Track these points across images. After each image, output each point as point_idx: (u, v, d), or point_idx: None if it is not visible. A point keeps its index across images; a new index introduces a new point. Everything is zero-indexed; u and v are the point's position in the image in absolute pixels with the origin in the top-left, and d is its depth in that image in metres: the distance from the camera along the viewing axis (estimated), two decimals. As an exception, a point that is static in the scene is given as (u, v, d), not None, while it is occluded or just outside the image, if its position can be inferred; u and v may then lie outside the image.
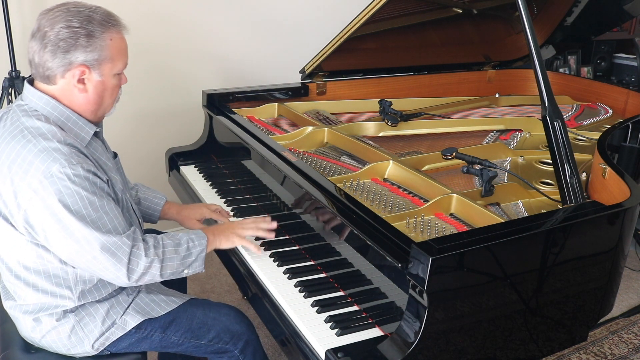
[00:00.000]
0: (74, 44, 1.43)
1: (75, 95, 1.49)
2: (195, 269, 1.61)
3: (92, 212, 1.41)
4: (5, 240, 1.50)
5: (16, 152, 1.41)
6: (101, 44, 1.46)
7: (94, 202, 1.42)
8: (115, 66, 1.51)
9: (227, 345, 1.66)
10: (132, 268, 1.47)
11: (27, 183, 1.38)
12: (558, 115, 1.64)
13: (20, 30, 2.64)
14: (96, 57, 1.46)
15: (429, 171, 1.98)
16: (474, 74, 3.03)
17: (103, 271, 1.46)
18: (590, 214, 1.49)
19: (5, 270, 1.55)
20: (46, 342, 1.56)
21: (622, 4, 2.85)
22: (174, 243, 1.57)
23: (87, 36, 1.44)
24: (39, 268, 1.49)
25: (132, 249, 1.46)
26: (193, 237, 1.62)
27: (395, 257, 1.35)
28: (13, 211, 1.43)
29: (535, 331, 1.47)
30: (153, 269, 1.50)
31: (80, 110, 1.52)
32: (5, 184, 1.42)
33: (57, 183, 1.38)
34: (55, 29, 1.42)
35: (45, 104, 1.48)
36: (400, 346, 1.27)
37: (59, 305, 1.53)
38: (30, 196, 1.38)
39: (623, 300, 2.94)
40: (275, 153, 1.93)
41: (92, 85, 1.50)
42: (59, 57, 1.43)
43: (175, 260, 1.55)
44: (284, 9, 3.32)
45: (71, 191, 1.39)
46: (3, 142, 1.45)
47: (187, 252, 1.58)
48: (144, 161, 3.04)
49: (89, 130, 1.53)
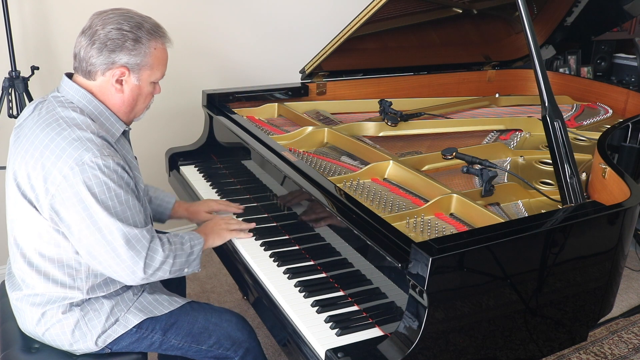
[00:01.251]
0: (121, 45, 1.50)
1: (111, 94, 1.56)
2: (194, 267, 1.65)
3: (118, 204, 1.46)
4: (25, 224, 1.52)
5: (50, 138, 1.45)
6: (145, 50, 1.53)
7: (120, 195, 1.46)
8: (153, 74, 1.58)
9: (228, 352, 1.66)
10: (148, 263, 1.51)
11: (58, 169, 1.42)
12: (558, 115, 1.64)
13: (20, 30, 2.65)
14: (138, 61, 1.53)
15: (429, 171, 1.98)
16: (474, 74, 3.03)
17: (119, 265, 1.48)
18: (590, 214, 1.49)
19: (19, 257, 1.57)
20: (49, 336, 1.56)
21: (622, 4, 2.85)
22: (179, 241, 1.62)
23: (135, 41, 1.51)
24: (54, 256, 1.51)
25: (150, 244, 1.51)
26: (192, 237, 1.67)
27: (395, 257, 1.35)
28: (40, 195, 1.46)
29: (535, 331, 1.47)
30: (166, 265, 1.55)
31: (115, 109, 1.58)
32: (36, 168, 1.46)
33: (87, 171, 1.42)
34: (106, 28, 1.50)
35: (82, 97, 1.54)
36: (400, 346, 1.27)
37: (67, 297, 1.54)
38: (60, 181, 1.42)
39: (623, 300, 2.94)
40: (275, 153, 1.93)
41: (129, 88, 1.56)
42: (104, 55, 1.50)
43: (183, 257, 1.60)
44: (284, 9, 3.33)
45: (100, 181, 1.43)
46: (38, 129, 1.49)
47: (190, 249, 1.63)
48: (144, 161, 3.03)
49: (120, 127, 1.59)
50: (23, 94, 2.48)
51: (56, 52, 2.76)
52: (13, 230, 1.58)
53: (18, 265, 1.58)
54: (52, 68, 2.74)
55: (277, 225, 1.92)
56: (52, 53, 2.75)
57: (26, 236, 1.53)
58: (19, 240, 1.56)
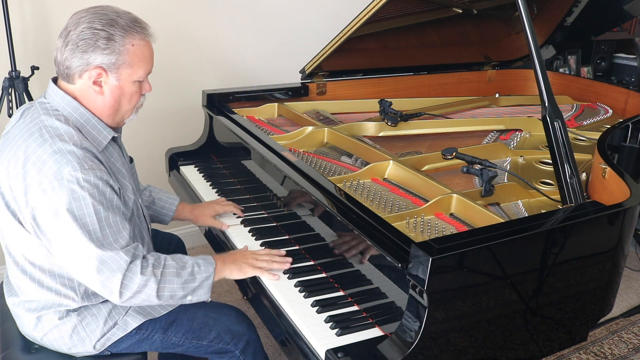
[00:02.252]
0: (92, 45, 1.44)
1: (92, 97, 1.50)
2: (200, 296, 1.55)
3: (96, 221, 1.40)
4: (12, 235, 1.51)
5: (32, 150, 1.42)
6: (120, 48, 1.46)
7: (100, 212, 1.41)
8: (134, 72, 1.50)
9: (228, 346, 1.66)
10: (125, 284, 1.43)
11: (37, 181, 1.39)
12: (558, 115, 1.64)
13: (20, 30, 2.65)
14: (113, 60, 1.46)
15: (429, 171, 1.98)
16: (473, 74, 3.03)
17: (95, 284, 1.44)
18: (590, 214, 1.49)
19: (12, 264, 1.56)
20: (48, 340, 1.56)
21: (622, 4, 2.85)
22: (178, 265, 1.52)
23: (107, 39, 1.44)
24: (45, 266, 1.50)
25: (129, 265, 1.43)
26: (200, 262, 1.57)
27: (395, 257, 1.35)
28: (22, 207, 1.44)
29: (535, 331, 1.47)
30: (148, 289, 1.45)
31: (98, 113, 1.52)
32: (18, 179, 1.43)
33: (66, 186, 1.38)
34: (78, 28, 1.45)
35: (67, 104, 1.49)
36: (400, 346, 1.27)
37: (62, 304, 1.53)
38: (39, 195, 1.39)
39: (623, 300, 2.94)
40: (275, 153, 1.93)
41: (109, 89, 1.50)
42: (77, 57, 1.45)
43: (176, 283, 1.50)
44: (284, 9, 3.32)
45: (78, 196, 1.39)
46: (20, 138, 1.46)
47: (190, 276, 1.52)
48: (144, 161, 3.03)
49: (107, 135, 1.54)
50: (23, 94, 2.48)
51: (56, 52, 2.75)
52: (4, 238, 1.56)
53: (12, 272, 1.57)
54: (52, 68, 2.69)
55: (277, 225, 1.92)
56: (52, 53, 2.72)
57: (15, 245, 1.52)
58: (10, 248, 1.55)
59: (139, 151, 3.02)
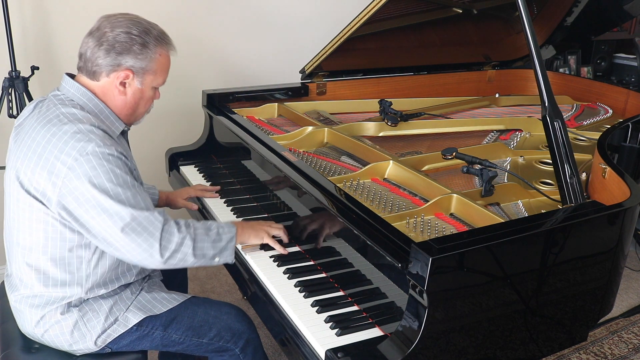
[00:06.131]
0: (128, 48, 1.53)
1: (114, 96, 1.58)
2: (226, 258, 1.63)
3: (127, 189, 1.47)
4: (31, 221, 1.51)
5: (52, 133, 1.47)
6: (152, 56, 1.57)
7: (127, 181, 1.48)
8: (156, 79, 1.61)
9: (228, 344, 1.67)
10: (164, 245, 1.49)
11: (62, 161, 1.43)
12: (558, 115, 1.64)
13: (20, 30, 2.65)
14: (143, 66, 1.56)
15: (429, 171, 1.98)
16: (474, 74, 3.03)
17: (136, 249, 1.48)
18: (590, 214, 1.49)
19: (19, 256, 1.57)
20: (49, 337, 1.57)
21: (622, 4, 2.85)
22: (204, 227, 1.61)
23: (142, 45, 1.55)
24: (56, 253, 1.52)
25: (164, 225, 1.50)
26: (222, 225, 1.65)
27: (395, 257, 1.35)
28: (47, 190, 1.46)
29: (535, 331, 1.47)
30: (185, 247, 1.52)
31: (116, 111, 1.61)
32: (39, 164, 1.46)
33: (92, 161, 1.43)
34: (115, 31, 1.53)
35: (82, 95, 1.56)
36: (400, 346, 1.27)
37: (66, 297, 1.55)
38: (65, 174, 1.43)
39: (623, 300, 2.94)
40: (275, 153, 1.93)
41: (132, 91, 1.59)
42: (111, 57, 1.53)
43: (207, 241, 1.58)
44: (285, 9, 3.32)
45: (105, 169, 1.44)
46: (39, 125, 1.51)
47: (217, 236, 1.61)
48: (144, 161, 3.03)
49: (119, 126, 1.62)
50: (23, 94, 2.48)
51: (56, 52, 2.76)
52: (12, 229, 1.58)
53: (17, 264, 1.58)
54: (52, 68, 2.74)
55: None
56: (52, 53, 2.75)
57: (28, 234, 1.53)
58: (20, 239, 1.56)
59: (140, 151, 3.03)
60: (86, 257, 1.53)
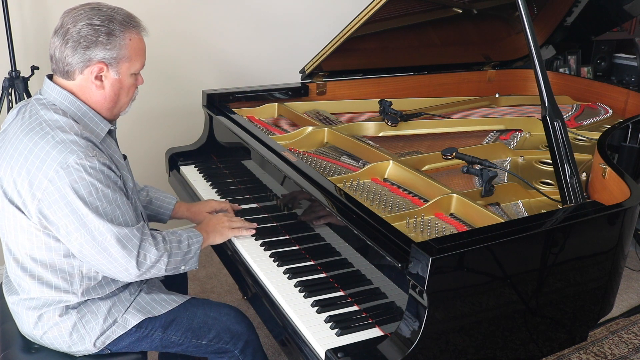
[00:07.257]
0: (94, 41, 1.47)
1: (92, 92, 1.54)
2: (192, 265, 1.66)
3: (106, 204, 1.45)
4: (15, 230, 1.51)
5: (34, 143, 1.44)
6: (120, 43, 1.50)
7: (108, 195, 1.46)
8: (132, 66, 1.55)
9: (227, 345, 1.67)
10: (141, 261, 1.50)
11: (43, 173, 1.41)
12: (558, 115, 1.64)
13: (20, 30, 2.65)
14: (114, 55, 1.50)
15: (429, 171, 1.98)
16: (474, 74, 3.03)
17: (112, 263, 1.48)
18: (590, 214, 1.49)
19: (12, 262, 1.57)
20: (47, 339, 1.56)
21: (622, 4, 2.85)
22: (177, 240, 1.63)
23: (108, 34, 1.48)
24: (46, 261, 1.51)
25: (141, 242, 1.51)
26: (191, 235, 1.67)
27: (395, 257, 1.35)
28: (27, 200, 1.45)
29: (535, 331, 1.47)
30: (160, 263, 1.55)
31: (97, 107, 1.56)
32: (21, 174, 1.44)
33: (73, 174, 1.41)
34: (77, 26, 1.47)
35: (64, 98, 1.52)
36: (400, 346, 1.27)
37: (62, 300, 1.54)
38: (46, 186, 1.41)
39: (623, 300, 2.94)
40: (275, 153, 1.93)
41: (109, 83, 1.54)
42: (79, 53, 1.48)
43: (179, 255, 1.60)
44: (284, 9, 3.33)
45: (86, 182, 1.42)
46: (21, 134, 1.48)
47: (188, 248, 1.63)
48: (144, 161, 3.04)
49: (104, 127, 1.58)
50: (23, 94, 2.48)
51: (56, 52, 2.75)
52: (4, 235, 1.57)
53: (12, 270, 1.58)
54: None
55: (277, 225, 1.92)
56: (52, 53, 2.75)
57: (17, 242, 1.52)
58: (11, 245, 1.55)
59: (139, 151, 3.04)
60: (77, 263, 1.52)
